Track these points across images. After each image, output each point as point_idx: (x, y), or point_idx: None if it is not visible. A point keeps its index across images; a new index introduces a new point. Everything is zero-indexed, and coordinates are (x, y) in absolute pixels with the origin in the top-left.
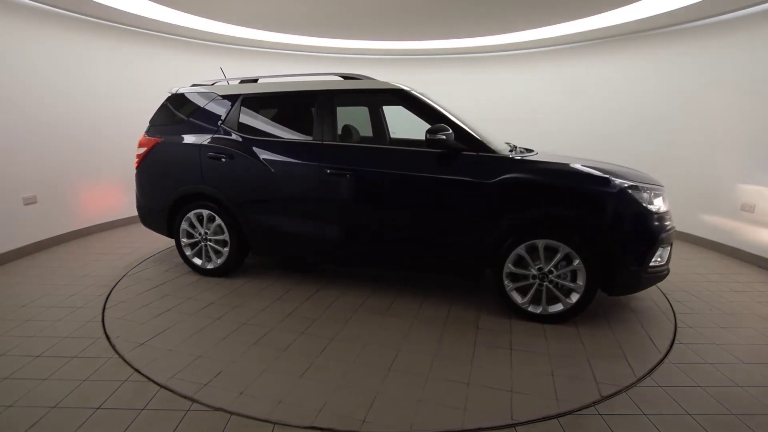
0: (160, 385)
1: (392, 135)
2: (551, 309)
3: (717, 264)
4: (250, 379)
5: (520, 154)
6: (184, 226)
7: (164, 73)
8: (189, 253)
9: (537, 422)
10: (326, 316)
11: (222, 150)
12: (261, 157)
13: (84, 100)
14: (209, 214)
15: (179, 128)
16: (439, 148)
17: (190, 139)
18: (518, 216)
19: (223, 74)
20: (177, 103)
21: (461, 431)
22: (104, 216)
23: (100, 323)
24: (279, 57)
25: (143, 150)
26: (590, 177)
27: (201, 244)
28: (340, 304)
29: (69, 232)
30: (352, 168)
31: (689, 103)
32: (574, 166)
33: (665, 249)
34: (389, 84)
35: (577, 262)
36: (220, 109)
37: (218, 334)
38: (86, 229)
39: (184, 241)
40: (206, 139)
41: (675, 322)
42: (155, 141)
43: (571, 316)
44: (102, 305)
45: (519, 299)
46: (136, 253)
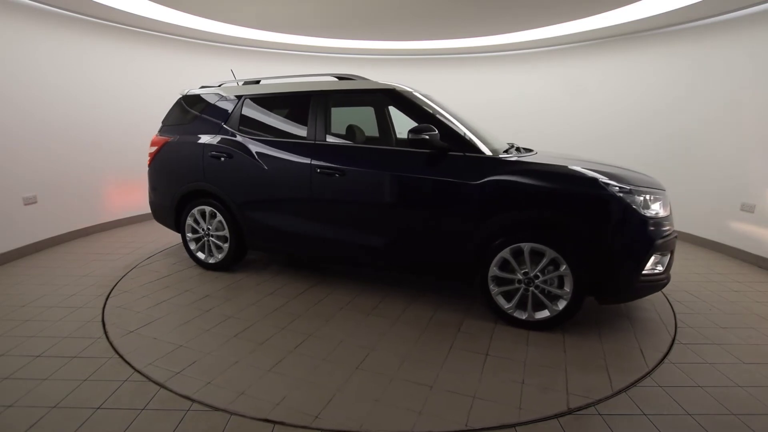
0: (135, 369)
1: (399, 135)
2: (537, 315)
3: (717, 264)
4: (220, 370)
5: (519, 154)
6: (189, 221)
7: (165, 73)
8: (193, 247)
9: (539, 422)
10: (311, 313)
11: (222, 149)
12: (256, 156)
13: (84, 100)
14: (211, 210)
15: (187, 128)
16: (422, 148)
17: (195, 138)
18: (503, 218)
19: (233, 76)
20: (186, 104)
21: None
22: (104, 216)
23: (100, 323)
24: (282, 57)
25: (154, 149)
26: (577, 179)
27: (204, 240)
28: (329, 302)
29: (69, 232)
30: (340, 167)
31: (689, 103)
32: (563, 167)
33: (663, 256)
34: (380, 84)
35: (563, 268)
36: (224, 109)
37: (204, 326)
38: (86, 229)
39: (189, 236)
40: (209, 139)
41: (675, 322)
42: (165, 140)
43: (558, 323)
44: (102, 305)
45: (504, 304)
46: (137, 253)
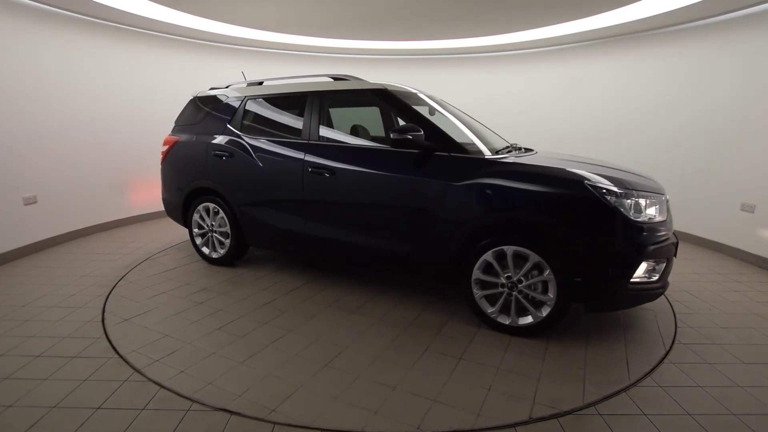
0: (119, 355)
1: None
2: (521, 321)
3: (717, 264)
4: (195, 360)
5: (515, 154)
6: (195, 217)
7: (165, 73)
8: (199, 242)
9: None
10: (297, 310)
11: (224, 148)
12: (253, 155)
13: (84, 100)
14: (214, 207)
15: (196, 128)
16: (407, 148)
17: (201, 138)
18: (485, 220)
19: (243, 78)
20: (196, 105)
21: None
22: (104, 216)
23: (100, 323)
24: (285, 58)
25: (166, 147)
26: (561, 180)
27: (209, 235)
28: (318, 299)
29: (69, 232)
30: (330, 166)
31: (689, 103)
32: (549, 168)
33: (658, 264)
34: (372, 84)
35: (547, 273)
36: (229, 110)
37: (192, 317)
38: (86, 229)
39: (196, 231)
40: (214, 138)
41: (675, 322)
42: (176, 139)
43: (542, 329)
44: (102, 305)
45: (488, 308)
46: (137, 253)
